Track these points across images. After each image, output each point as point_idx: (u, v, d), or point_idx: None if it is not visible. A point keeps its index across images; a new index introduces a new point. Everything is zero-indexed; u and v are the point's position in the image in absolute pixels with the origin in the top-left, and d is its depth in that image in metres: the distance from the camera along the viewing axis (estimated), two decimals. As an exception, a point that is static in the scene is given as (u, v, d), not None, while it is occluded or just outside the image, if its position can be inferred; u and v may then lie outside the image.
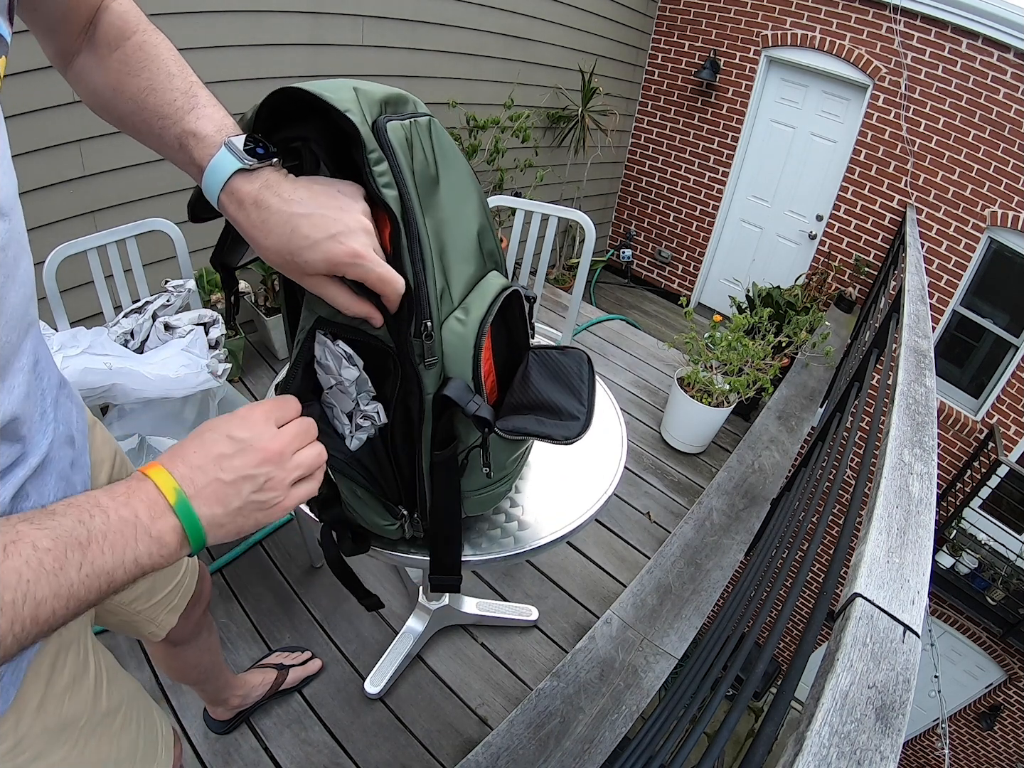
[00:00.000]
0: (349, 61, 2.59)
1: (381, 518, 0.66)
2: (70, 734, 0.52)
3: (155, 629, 0.80)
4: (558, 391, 0.69)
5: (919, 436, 1.11)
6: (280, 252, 0.45)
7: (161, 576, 0.78)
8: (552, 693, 1.48)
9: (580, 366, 0.73)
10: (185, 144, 0.46)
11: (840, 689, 0.60)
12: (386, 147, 0.48)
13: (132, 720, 0.62)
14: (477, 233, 0.64)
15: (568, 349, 0.75)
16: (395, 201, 0.49)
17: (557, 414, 0.66)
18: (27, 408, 0.43)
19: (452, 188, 0.59)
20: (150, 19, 0.52)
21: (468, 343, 0.58)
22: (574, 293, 1.87)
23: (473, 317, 0.58)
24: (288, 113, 0.47)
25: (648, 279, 5.35)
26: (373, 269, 0.45)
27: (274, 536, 1.81)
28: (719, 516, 2.18)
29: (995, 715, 4.82)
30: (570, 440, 0.63)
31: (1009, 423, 3.91)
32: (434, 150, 0.57)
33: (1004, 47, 3.30)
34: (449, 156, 0.59)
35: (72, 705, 0.52)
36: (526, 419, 0.64)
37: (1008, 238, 3.63)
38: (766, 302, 3.39)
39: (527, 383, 0.69)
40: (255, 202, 0.44)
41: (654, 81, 4.67)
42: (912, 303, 1.85)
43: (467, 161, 0.64)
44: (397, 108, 0.54)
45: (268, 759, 1.31)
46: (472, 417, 0.57)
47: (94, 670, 0.56)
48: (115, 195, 2.03)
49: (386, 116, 0.50)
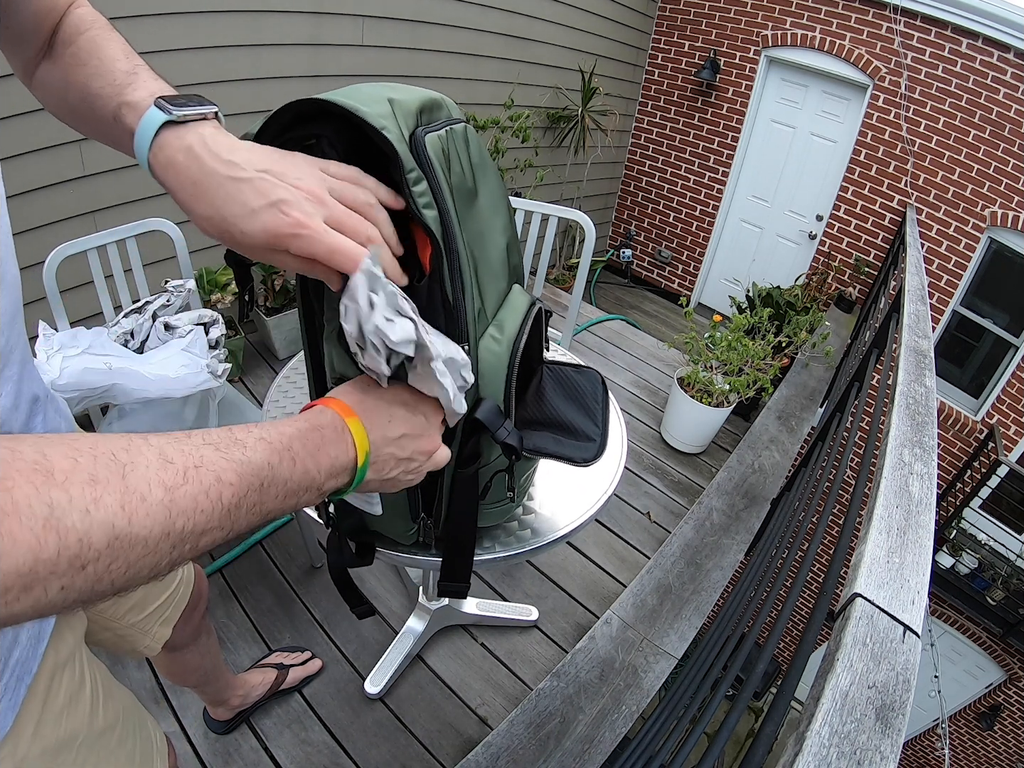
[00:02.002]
0: (349, 61, 2.59)
1: (403, 521, 0.66)
2: (68, 754, 0.51)
3: (150, 643, 0.79)
4: (573, 410, 0.69)
5: (919, 436, 1.11)
6: (213, 220, 0.39)
7: (152, 588, 0.77)
8: (552, 693, 1.48)
9: (595, 387, 0.73)
10: (120, 116, 0.42)
11: (840, 689, 0.60)
12: (425, 164, 0.45)
13: (128, 734, 0.61)
14: (506, 246, 0.63)
15: (583, 369, 0.76)
16: (435, 222, 0.46)
17: (573, 434, 0.65)
18: (14, 418, 0.43)
19: (488, 199, 0.57)
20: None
21: (503, 362, 0.56)
22: (574, 293, 1.87)
23: (507, 335, 0.57)
24: (305, 115, 0.45)
25: (648, 279, 5.35)
26: (321, 241, 0.39)
27: (274, 536, 1.81)
28: (719, 516, 2.18)
29: (995, 715, 4.82)
30: (588, 463, 0.63)
31: (1009, 423, 3.91)
32: (471, 160, 0.54)
33: (1004, 47, 3.30)
34: (485, 165, 0.57)
35: (69, 724, 0.51)
36: (544, 438, 0.64)
37: (1008, 238, 3.63)
38: (766, 302, 3.39)
39: (542, 399, 0.68)
40: (185, 159, 0.38)
41: (654, 81, 4.67)
42: (912, 303, 1.85)
43: (498, 170, 0.62)
44: (432, 115, 0.51)
45: (268, 759, 1.31)
46: (501, 444, 0.56)
47: (90, 686, 0.55)
48: (115, 195, 2.03)
49: (424, 128, 0.47)
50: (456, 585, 0.71)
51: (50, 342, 1.26)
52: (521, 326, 0.59)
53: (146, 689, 1.38)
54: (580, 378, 0.73)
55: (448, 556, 0.69)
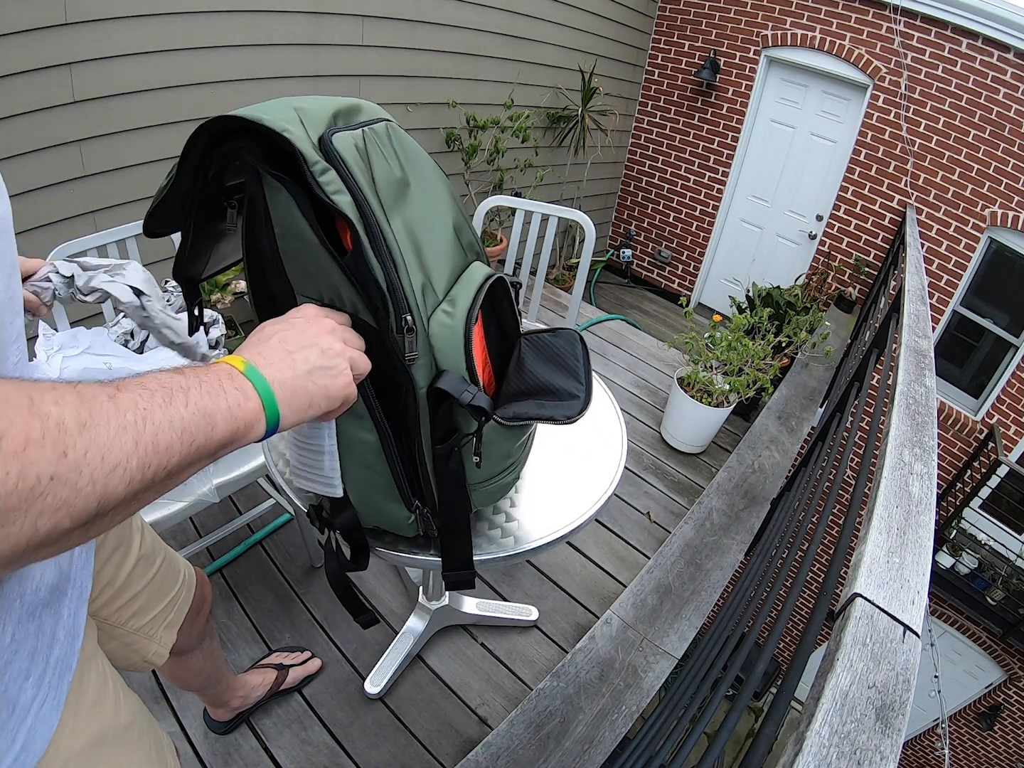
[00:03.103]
0: (349, 61, 2.59)
1: (398, 507, 0.66)
2: (103, 750, 0.52)
3: (158, 648, 0.79)
4: (554, 372, 0.69)
5: (919, 436, 1.11)
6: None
7: (157, 589, 0.78)
8: (552, 693, 1.48)
9: (573, 346, 0.73)
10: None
11: (840, 689, 0.60)
12: (333, 158, 0.49)
13: (145, 732, 0.62)
14: (453, 227, 0.65)
15: (559, 330, 0.75)
16: (349, 206, 0.50)
17: (556, 395, 0.66)
18: None
19: (422, 188, 0.60)
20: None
21: (457, 333, 0.57)
22: (574, 293, 1.87)
23: (460, 308, 0.58)
24: (218, 133, 0.49)
25: (648, 279, 5.34)
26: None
27: (274, 536, 1.81)
28: (719, 516, 2.18)
29: (995, 715, 4.82)
30: (572, 419, 0.63)
31: (1009, 423, 3.91)
32: (396, 154, 0.58)
33: (1004, 47, 3.30)
34: (414, 157, 0.61)
35: (100, 720, 0.52)
36: (525, 404, 0.64)
37: (1008, 238, 3.63)
38: (766, 302, 3.39)
39: (522, 369, 0.69)
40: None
41: (654, 81, 4.67)
42: (912, 303, 1.85)
43: (432, 159, 0.65)
44: (349, 119, 0.55)
45: (268, 759, 1.31)
46: (468, 407, 0.57)
47: (111, 684, 0.56)
48: (115, 195, 2.03)
49: (333, 129, 0.51)
50: (461, 574, 0.71)
51: (50, 342, 1.26)
52: (475, 297, 0.60)
53: (146, 689, 1.38)
54: (557, 340, 0.73)
55: (445, 540, 0.69)
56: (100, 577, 0.68)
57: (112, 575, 0.70)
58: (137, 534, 0.75)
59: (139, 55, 1.90)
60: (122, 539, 0.71)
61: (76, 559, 0.53)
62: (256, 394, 0.40)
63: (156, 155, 2.07)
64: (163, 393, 0.34)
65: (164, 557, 0.80)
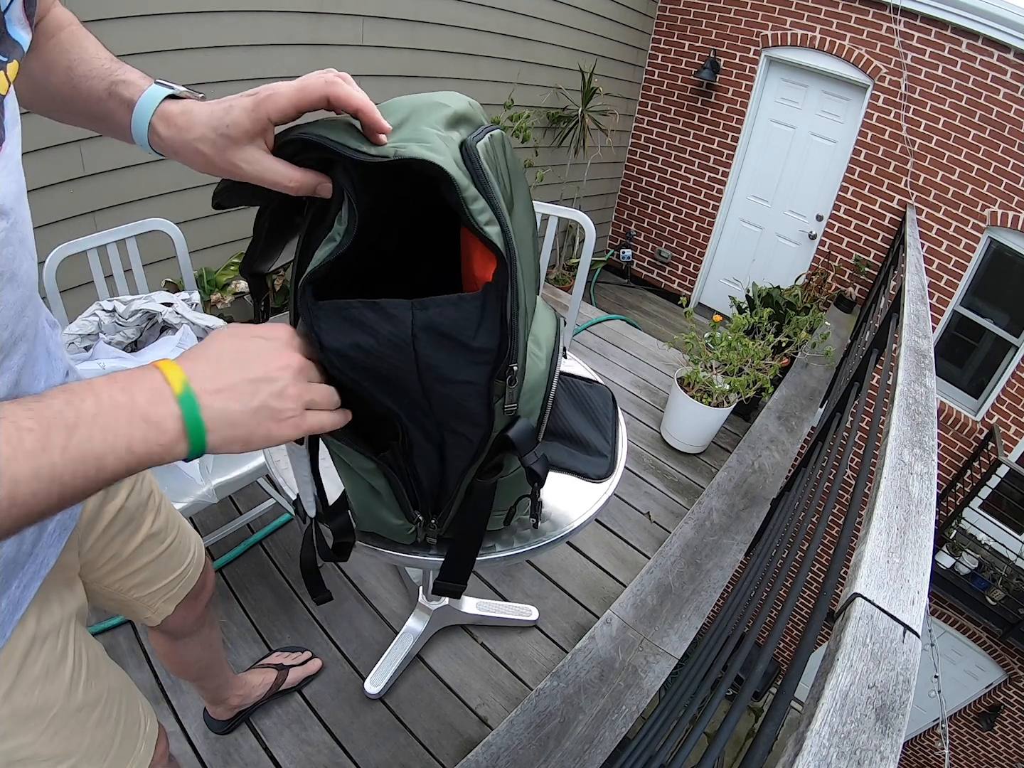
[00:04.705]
0: (349, 61, 2.59)
1: (397, 519, 0.65)
2: (38, 722, 0.53)
3: (151, 615, 0.81)
4: (585, 423, 0.69)
5: (919, 436, 1.11)
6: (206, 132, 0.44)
7: (163, 565, 0.79)
8: (552, 693, 1.48)
9: (606, 403, 0.74)
10: (115, 91, 0.47)
11: (840, 689, 0.60)
12: (480, 179, 0.41)
13: (111, 715, 0.62)
14: (534, 252, 0.60)
15: (595, 383, 0.76)
16: (499, 238, 0.42)
17: (585, 447, 0.65)
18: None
19: (522, 208, 0.54)
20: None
21: (543, 380, 0.53)
22: (574, 293, 1.87)
23: (545, 352, 0.54)
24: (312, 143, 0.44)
25: (648, 279, 5.34)
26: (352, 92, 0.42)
27: (274, 536, 1.81)
28: (719, 516, 2.18)
29: (995, 715, 4.82)
30: (601, 480, 0.63)
31: (1009, 423, 3.91)
32: (508, 168, 0.50)
33: (1004, 47, 3.30)
34: (518, 172, 0.54)
35: (43, 694, 0.53)
36: (558, 450, 0.64)
37: (1008, 238, 3.63)
38: (766, 302, 3.39)
39: (555, 409, 0.68)
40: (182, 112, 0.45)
41: (654, 81, 4.67)
42: (912, 303, 1.85)
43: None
44: (469, 124, 0.47)
45: (268, 759, 1.31)
46: (527, 469, 0.53)
47: (72, 663, 0.57)
48: (115, 195, 2.02)
49: (473, 136, 0.43)
50: (451, 585, 0.71)
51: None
52: (555, 345, 0.56)
53: (146, 688, 1.38)
54: (592, 392, 0.74)
55: (450, 558, 0.69)
56: (106, 551, 0.69)
57: (119, 549, 0.71)
58: (151, 513, 0.75)
59: (139, 55, 1.90)
60: (132, 517, 0.72)
61: (46, 538, 0.54)
62: (179, 426, 0.36)
63: (156, 155, 2.06)
64: (36, 435, 0.31)
65: (176, 535, 0.81)
